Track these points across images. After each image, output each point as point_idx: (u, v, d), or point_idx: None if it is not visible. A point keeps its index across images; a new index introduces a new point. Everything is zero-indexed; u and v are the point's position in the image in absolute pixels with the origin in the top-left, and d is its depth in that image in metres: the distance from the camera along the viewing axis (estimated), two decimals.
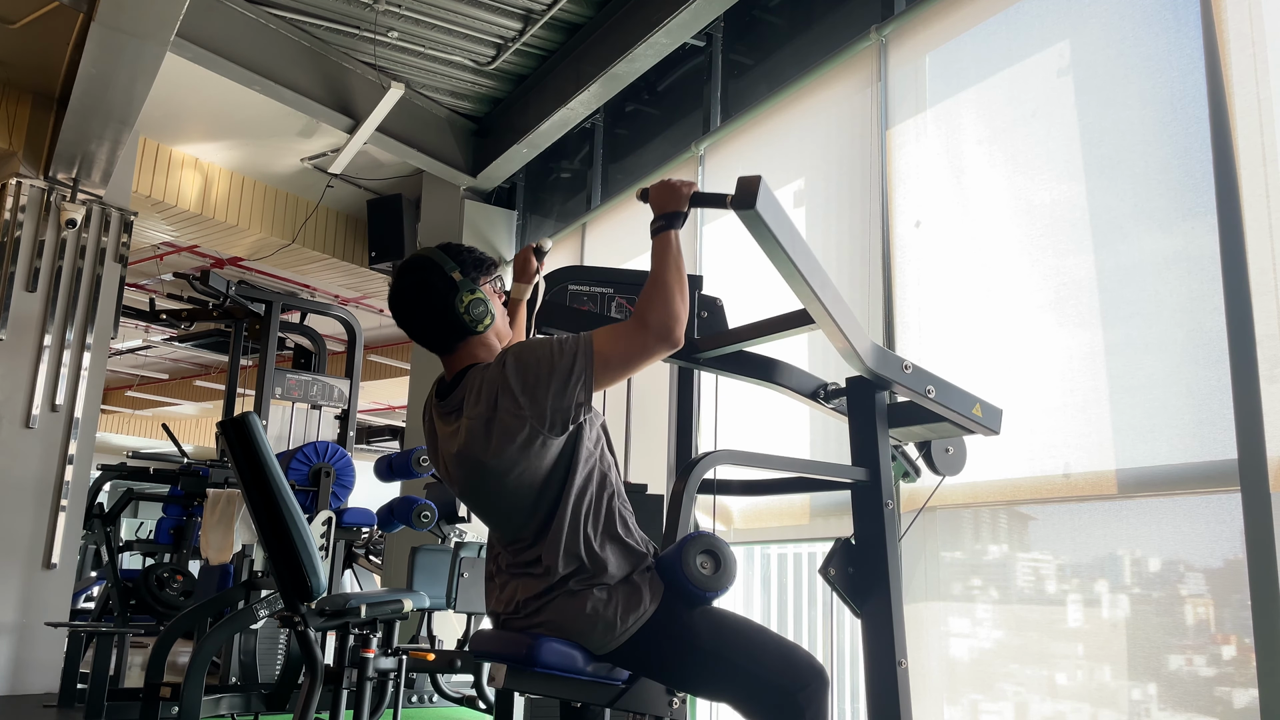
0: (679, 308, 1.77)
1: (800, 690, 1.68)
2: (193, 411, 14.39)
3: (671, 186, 1.88)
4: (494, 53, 5.56)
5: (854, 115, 3.75)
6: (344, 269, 7.90)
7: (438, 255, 1.89)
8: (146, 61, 4.19)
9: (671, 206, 1.87)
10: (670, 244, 1.83)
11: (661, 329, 1.75)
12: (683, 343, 1.77)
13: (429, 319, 1.88)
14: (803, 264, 1.86)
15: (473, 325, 1.86)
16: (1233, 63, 2.53)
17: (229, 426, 2.83)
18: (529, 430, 1.75)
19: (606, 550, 1.78)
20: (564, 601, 1.75)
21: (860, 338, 2.01)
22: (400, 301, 1.91)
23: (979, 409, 2.16)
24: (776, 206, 1.80)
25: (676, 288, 1.79)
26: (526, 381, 1.75)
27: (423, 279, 1.87)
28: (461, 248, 1.93)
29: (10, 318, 5.26)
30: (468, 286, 1.86)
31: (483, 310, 1.87)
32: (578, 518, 1.78)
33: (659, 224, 1.87)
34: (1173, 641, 2.50)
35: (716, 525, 3.88)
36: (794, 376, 2.31)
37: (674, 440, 3.08)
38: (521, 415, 1.74)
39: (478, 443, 1.78)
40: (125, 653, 5.05)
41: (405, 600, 3.02)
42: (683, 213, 1.88)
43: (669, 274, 1.80)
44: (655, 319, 1.76)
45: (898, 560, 2.03)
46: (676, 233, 1.86)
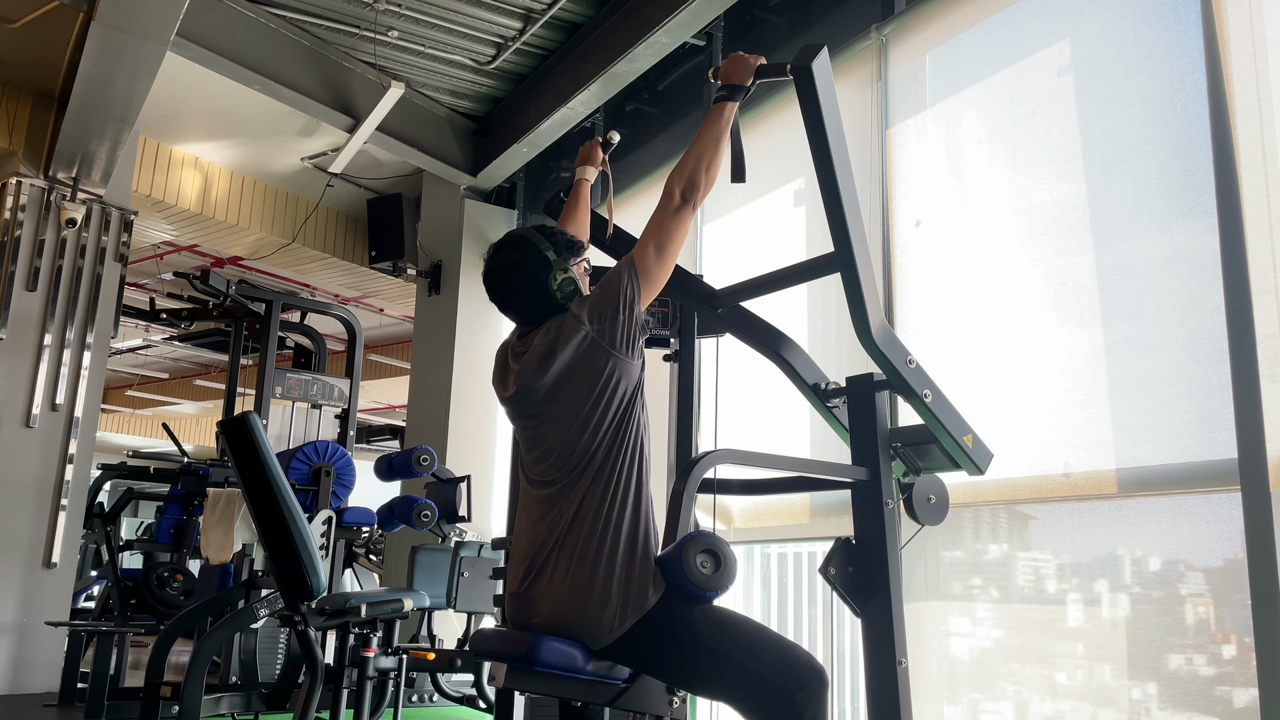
0: (701, 178, 1.90)
1: (799, 689, 1.68)
2: (193, 411, 14.39)
3: (741, 59, 2.01)
4: (494, 52, 5.56)
5: (854, 114, 3.75)
6: (344, 268, 7.89)
7: (534, 235, 2.00)
8: (147, 61, 4.19)
9: (736, 79, 2.01)
10: (721, 114, 1.97)
11: (683, 194, 1.89)
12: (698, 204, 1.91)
13: (524, 294, 1.98)
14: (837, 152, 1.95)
15: (564, 302, 1.95)
16: (1233, 62, 2.52)
17: (229, 426, 2.83)
18: (590, 342, 1.85)
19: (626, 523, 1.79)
20: (568, 591, 1.75)
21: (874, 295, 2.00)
22: (496, 276, 2.01)
23: (970, 440, 2.12)
24: (830, 79, 1.94)
25: (706, 160, 1.92)
26: (585, 302, 1.90)
27: (520, 256, 1.98)
28: (555, 229, 2.05)
29: (10, 317, 5.26)
30: (561, 266, 1.96)
31: (573, 289, 1.96)
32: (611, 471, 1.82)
33: (721, 94, 2.00)
34: (1173, 641, 2.50)
35: (716, 525, 3.88)
36: (800, 358, 2.29)
37: (674, 440, 3.08)
38: (582, 329, 1.86)
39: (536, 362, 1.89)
40: (125, 652, 5.05)
41: (405, 599, 3.02)
42: (745, 86, 2.01)
43: (706, 144, 1.93)
44: (679, 186, 1.90)
45: (898, 560, 2.03)
46: (733, 105, 1.99)
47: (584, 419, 1.84)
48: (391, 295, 8.91)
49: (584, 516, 1.79)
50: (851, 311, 2.01)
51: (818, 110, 1.91)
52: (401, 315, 9.73)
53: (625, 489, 1.82)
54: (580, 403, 1.84)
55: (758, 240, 4.17)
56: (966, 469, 2.16)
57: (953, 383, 2.19)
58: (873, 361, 2.05)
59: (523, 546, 1.89)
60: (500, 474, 6.15)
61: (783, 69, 1.95)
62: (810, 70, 1.89)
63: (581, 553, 1.77)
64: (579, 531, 1.79)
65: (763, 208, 4.18)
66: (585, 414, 1.84)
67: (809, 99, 1.91)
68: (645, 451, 1.88)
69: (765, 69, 2.00)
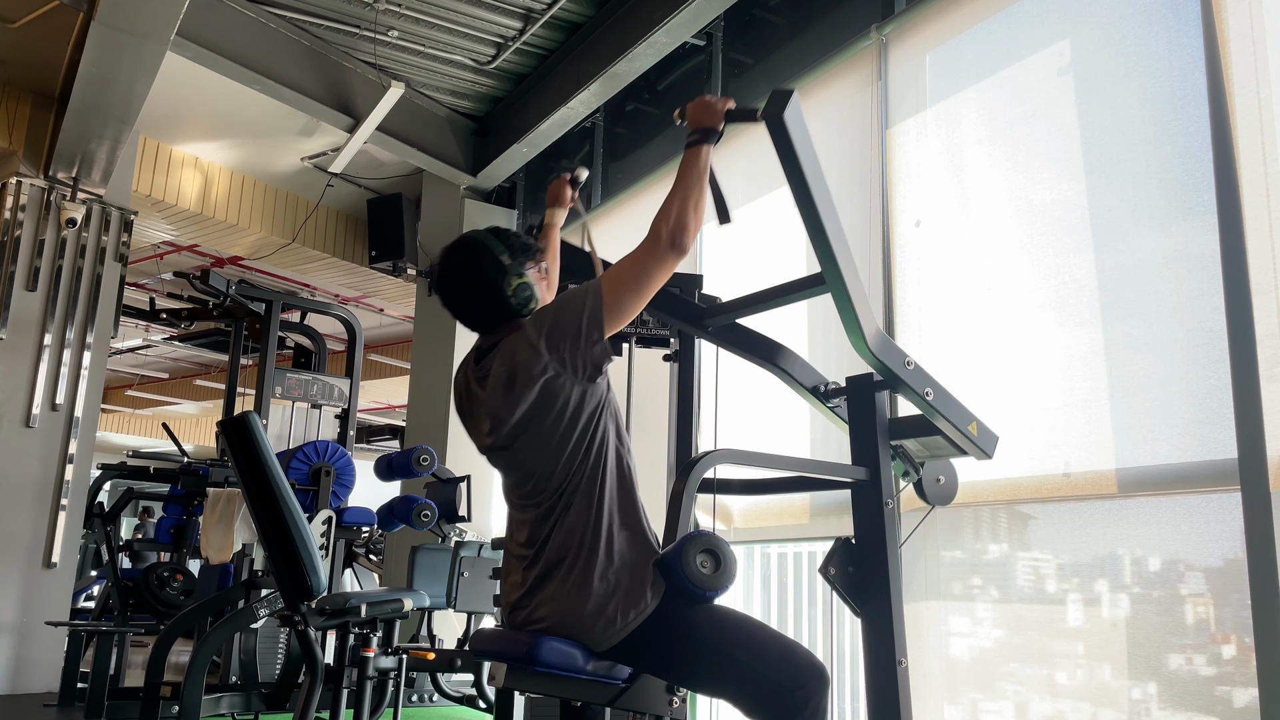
0: (689, 218, 1.82)
1: (800, 688, 1.68)
2: (193, 411, 14.39)
3: (708, 104, 1.94)
4: (494, 52, 5.56)
5: (854, 114, 3.75)
6: (344, 268, 7.89)
7: (487, 238, 1.93)
8: (147, 60, 4.19)
9: (708, 123, 1.93)
10: (699, 158, 1.89)
11: (671, 237, 1.80)
12: (688, 252, 1.82)
13: (477, 300, 1.92)
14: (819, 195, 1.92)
15: (519, 308, 1.90)
16: (1233, 62, 2.52)
17: (229, 426, 2.83)
18: (551, 374, 1.78)
19: (618, 534, 1.79)
20: (567, 595, 1.75)
21: (866, 310, 2.00)
22: (447, 282, 1.94)
23: (975, 428, 2.13)
24: (803, 125, 1.88)
25: (692, 200, 1.84)
26: (542, 328, 1.80)
27: (473, 261, 1.91)
28: (509, 232, 1.97)
29: (10, 317, 5.26)
30: (516, 270, 1.89)
31: (528, 294, 1.90)
32: (594, 490, 1.80)
33: (694, 138, 1.92)
34: (1173, 641, 2.50)
35: (716, 524, 3.88)
36: (796, 365, 2.30)
37: (674, 440, 3.09)
38: (541, 361, 1.78)
39: (499, 396, 1.82)
40: (125, 652, 5.05)
41: (405, 599, 3.02)
42: (718, 129, 1.93)
43: (689, 185, 1.85)
44: (665, 228, 1.80)
45: (898, 559, 2.03)
46: (708, 148, 1.91)
47: (555, 446, 1.80)
48: (391, 295, 8.92)
49: (574, 534, 1.78)
50: (846, 328, 2.02)
51: (794, 158, 1.87)
52: (401, 315, 9.73)
53: (611, 500, 1.81)
54: (549, 433, 1.80)
55: (757, 240, 4.17)
56: (974, 455, 2.18)
57: (953, 382, 2.19)
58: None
59: (515, 565, 1.88)
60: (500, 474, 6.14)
61: (754, 114, 1.90)
62: (783, 121, 1.84)
63: (577, 570, 1.76)
64: (570, 549, 1.78)
65: (763, 207, 4.18)
66: (556, 442, 1.80)
67: (784, 147, 1.87)
68: (623, 460, 1.85)
69: (735, 114, 1.94)
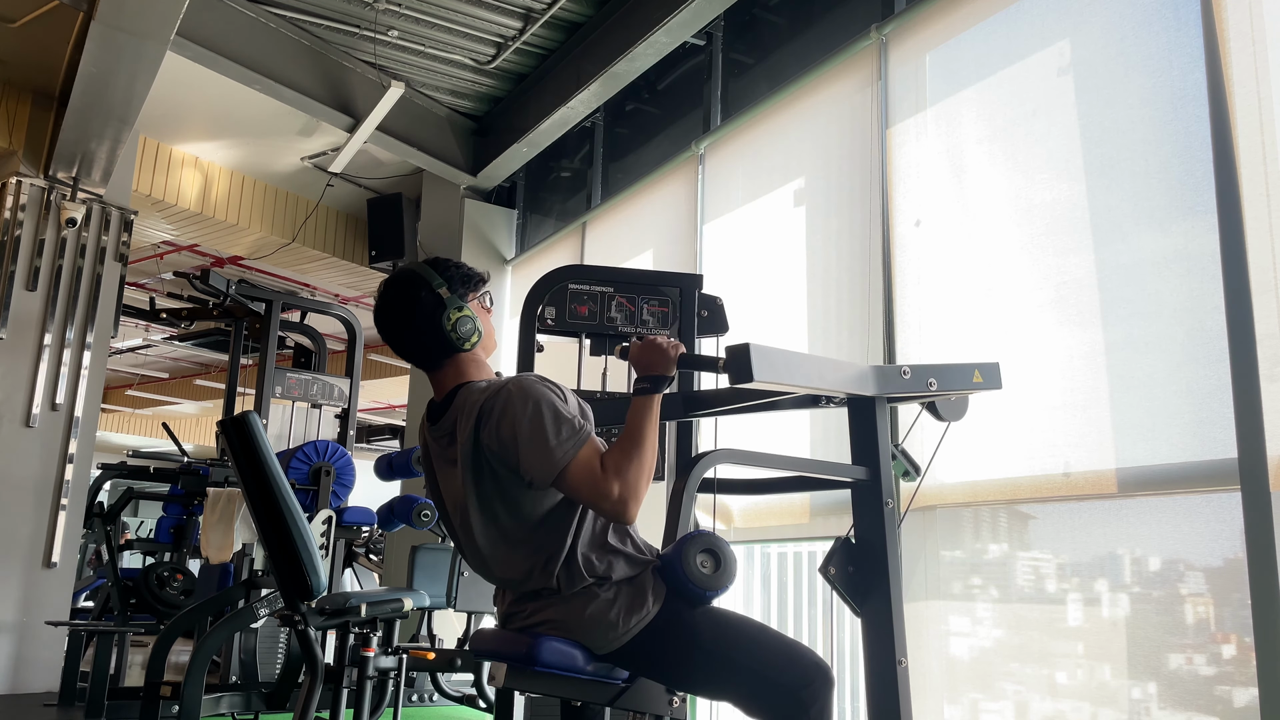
0: (640, 486, 1.70)
1: (804, 688, 1.68)
2: (193, 410, 14.39)
3: (657, 347, 1.81)
4: (494, 51, 5.56)
5: (854, 114, 3.75)
6: (344, 268, 7.90)
7: (425, 271, 1.86)
8: (146, 60, 4.19)
9: (658, 369, 1.80)
10: (651, 410, 1.76)
11: (621, 504, 1.68)
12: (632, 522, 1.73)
13: (415, 336, 1.85)
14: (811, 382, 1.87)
15: (459, 343, 1.83)
16: (1233, 61, 2.52)
17: (229, 425, 2.83)
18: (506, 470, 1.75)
19: (610, 562, 1.78)
20: (567, 602, 1.76)
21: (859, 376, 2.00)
22: (386, 317, 1.87)
23: (978, 375, 2.17)
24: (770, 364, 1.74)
25: (645, 463, 1.72)
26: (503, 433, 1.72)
27: (409, 294, 1.84)
28: (449, 263, 1.89)
29: (10, 317, 5.26)
30: (455, 304, 1.83)
31: (470, 328, 1.84)
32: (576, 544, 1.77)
33: (643, 385, 1.79)
34: (1173, 640, 2.50)
35: (716, 524, 3.88)
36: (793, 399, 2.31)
37: (674, 440, 3.09)
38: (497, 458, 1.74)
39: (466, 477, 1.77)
40: (125, 652, 5.05)
41: (405, 599, 3.02)
42: (669, 376, 1.81)
43: (643, 445, 1.72)
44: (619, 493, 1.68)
45: (898, 559, 2.03)
46: (658, 397, 1.78)
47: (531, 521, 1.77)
48: None
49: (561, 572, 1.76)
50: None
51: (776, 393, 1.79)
52: None
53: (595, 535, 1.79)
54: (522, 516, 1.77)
55: (757, 239, 4.17)
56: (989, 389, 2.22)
57: None
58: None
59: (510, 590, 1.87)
60: None
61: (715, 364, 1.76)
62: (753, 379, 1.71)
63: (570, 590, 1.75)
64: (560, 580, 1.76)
65: (762, 207, 4.18)
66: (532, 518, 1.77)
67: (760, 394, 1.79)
68: None
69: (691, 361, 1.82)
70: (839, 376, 1.96)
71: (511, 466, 1.73)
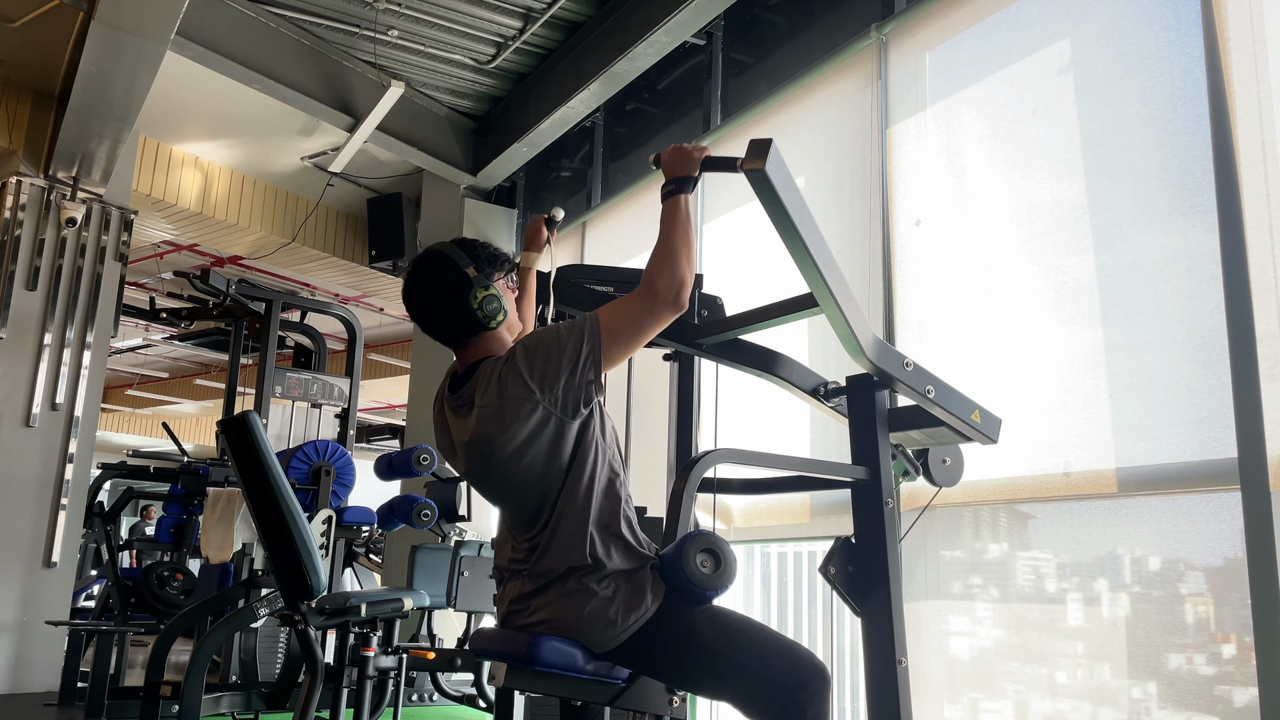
0: (685, 272, 1.78)
1: (802, 688, 1.68)
2: (193, 410, 14.39)
3: (683, 151, 1.89)
4: (494, 51, 5.56)
5: (854, 114, 3.75)
6: (344, 268, 7.89)
7: (453, 250, 1.91)
8: (147, 60, 4.19)
9: (683, 171, 1.88)
10: (680, 208, 1.85)
11: (668, 293, 1.77)
12: (687, 305, 1.80)
13: (443, 314, 1.90)
14: (808, 235, 1.87)
15: (485, 321, 1.88)
16: (1233, 61, 2.52)
17: (229, 425, 2.83)
18: (541, 413, 1.76)
19: (611, 549, 1.78)
20: (566, 599, 1.75)
21: (861, 325, 2.00)
22: (414, 295, 1.92)
23: (978, 415, 2.14)
24: (785, 172, 1.82)
25: (683, 252, 1.80)
26: (535, 365, 1.77)
27: (437, 274, 1.89)
28: (476, 243, 1.94)
29: (10, 316, 5.26)
30: (482, 283, 1.88)
31: (496, 306, 1.88)
32: (586, 512, 1.78)
33: (669, 188, 1.87)
34: (1173, 640, 2.50)
35: (716, 524, 3.88)
36: (795, 371, 2.30)
37: (674, 439, 3.08)
38: (533, 399, 1.76)
39: (489, 430, 1.79)
40: (125, 651, 5.05)
41: (405, 599, 3.03)
42: (694, 177, 1.88)
43: (676, 238, 1.81)
44: (662, 284, 1.77)
45: (898, 559, 2.03)
46: (686, 197, 1.87)
47: (548, 476, 1.79)
48: (391, 294, 8.91)
49: (567, 554, 1.77)
50: (842, 341, 2.02)
51: (779, 206, 1.81)
52: (401, 315, 9.72)
53: (603, 511, 1.80)
54: (537, 467, 1.79)
55: (757, 239, 4.17)
56: (979, 440, 2.20)
57: (953, 382, 2.19)
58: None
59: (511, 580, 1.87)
60: None
61: (732, 163, 1.83)
62: (765, 174, 1.77)
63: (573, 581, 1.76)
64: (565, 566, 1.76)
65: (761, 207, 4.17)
66: (542, 474, 1.79)
67: (767, 196, 1.81)
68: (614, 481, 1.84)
69: (712, 162, 1.89)
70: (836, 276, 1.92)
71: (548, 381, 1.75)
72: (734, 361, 2.32)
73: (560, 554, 1.77)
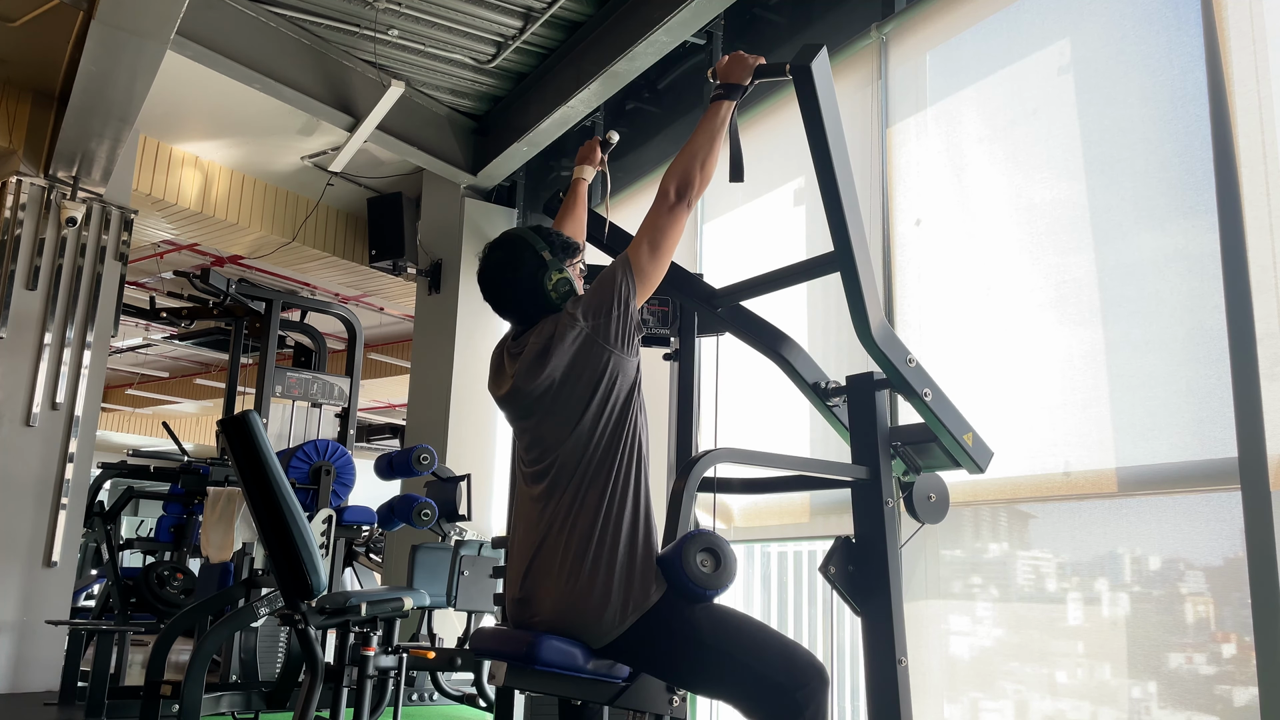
0: (696, 175, 1.91)
1: (800, 688, 1.68)
2: (193, 409, 14.39)
3: (740, 58, 2.01)
4: (494, 51, 5.56)
5: (854, 113, 3.75)
6: (344, 267, 7.89)
7: (530, 235, 1.99)
8: (147, 59, 4.19)
9: (735, 78, 2.00)
10: (718, 113, 1.97)
11: (677, 192, 1.90)
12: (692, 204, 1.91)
13: (518, 293, 1.97)
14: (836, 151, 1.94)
15: (559, 303, 1.95)
16: (1233, 61, 2.52)
17: (229, 425, 2.83)
18: (585, 336, 1.85)
19: (628, 523, 1.79)
20: (570, 586, 1.76)
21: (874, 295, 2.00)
22: (492, 275, 2.00)
23: (970, 438, 2.12)
24: (829, 78, 1.93)
25: (702, 155, 1.92)
26: (582, 301, 1.89)
27: (515, 255, 1.98)
28: (551, 230, 2.04)
29: (10, 316, 5.26)
30: (556, 266, 1.96)
31: (568, 289, 1.96)
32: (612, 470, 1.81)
33: (718, 92, 1.99)
34: (1173, 640, 2.50)
35: (717, 523, 3.88)
36: (800, 357, 2.29)
37: (674, 439, 3.09)
38: (578, 326, 1.85)
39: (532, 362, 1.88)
40: (126, 651, 5.06)
41: (406, 598, 3.03)
42: (743, 85, 1.99)
43: (701, 140, 1.94)
44: (673, 183, 1.90)
45: (898, 558, 2.03)
46: (731, 104, 1.98)
47: (582, 415, 1.83)
48: (391, 294, 8.92)
49: (583, 515, 1.79)
50: (851, 311, 2.00)
51: (817, 109, 1.91)
52: (401, 314, 9.73)
53: (624, 487, 1.81)
54: (579, 400, 1.84)
55: (757, 239, 4.17)
56: (967, 467, 2.16)
57: (953, 381, 2.19)
58: (873, 360, 2.05)
59: (521, 549, 1.89)
60: (500, 472, 6.15)
61: (782, 69, 1.95)
62: (810, 70, 1.89)
63: (580, 552, 1.76)
64: (578, 531, 1.78)
65: (762, 207, 4.18)
66: (584, 410, 1.83)
67: (808, 98, 1.91)
68: (644, 450, 1.87)
69: (764, 69, 2.00)
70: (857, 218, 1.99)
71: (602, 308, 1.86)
72: (744, 333, 2.32)
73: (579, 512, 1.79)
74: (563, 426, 1.85)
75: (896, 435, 2.21)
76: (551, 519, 1.82)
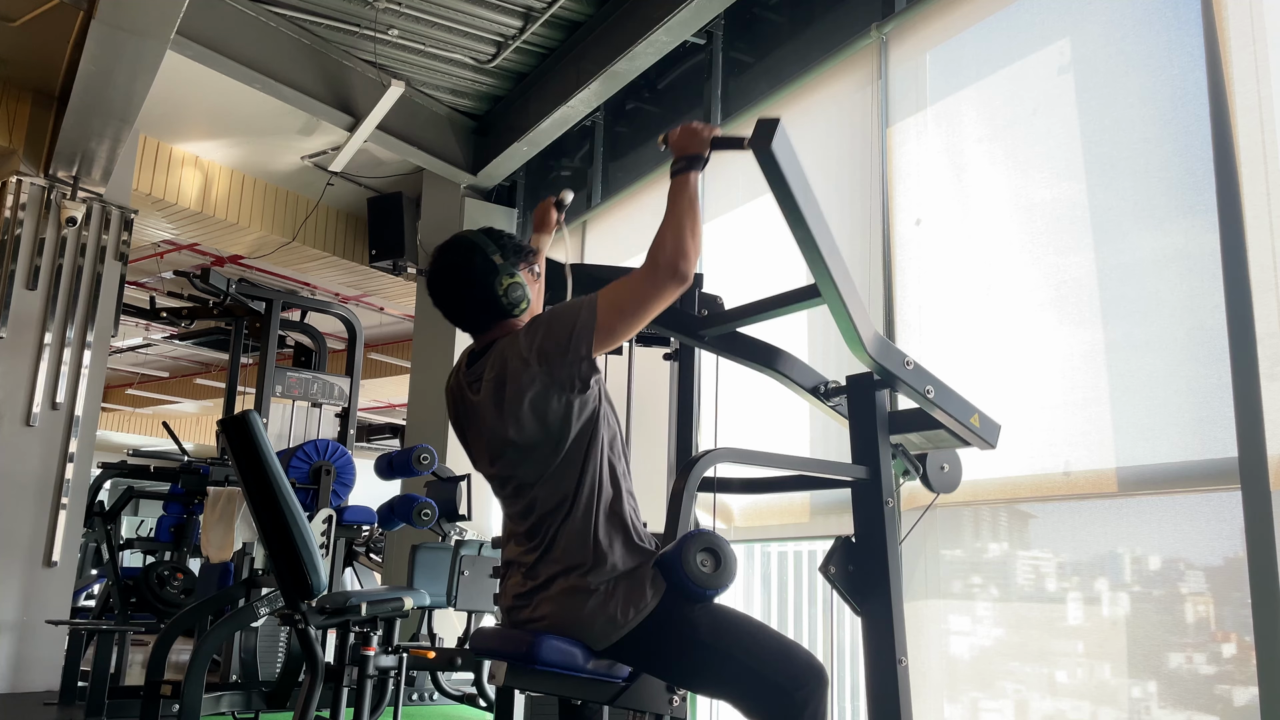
0: (689, 246, 1.79)
1: (799, 688, 1.68)
2: (193, 409, 14.40)
3: (693, 130, 1.92)
4: (494, 50, 5.56)
5: (854, 113, 3.75)
6: (344, 267, 7.89)
7: (480, 238, 1.93)
8: (147, 59, 4.19)
9: (693, 149, 1.91)
10: (688, 185, 1.87)
11: (671, 266, 1.78)
12: (691, 280, 1.80)
13: (468, 299, 1.92)
14: (812, 219, 1.90)
15: (510, 309, 1.91)
16: (1233, 60, 2.52)
17: (229, 424, 2.83)
18: (539, 385, 1.78)
19: (613, 542, 1.78)
20: (567, 596, 1.76)
21: (863, 317, 2.00)
22: (440, 281, 1.94)
23: (977, 419, 2.13)
24: (792, 153, 1.84)
25: (689, 228, 1.81)
26: (535, 339, 1.80)
27: (465, 260, 1.91)
28: (502, 233, 1.97)
29: (11, 316, 5.26)
30: (507, 270, 1.90)
31: (520, 294, 1.91)
32: (591, 501, 1.79)
33: (679, 165, 1.90)
34: (1173, 639, 2.50)
35: (717, 523, 3.88)
36: (795, 367, 2.30)
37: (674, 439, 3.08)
38: (530, 370, 1.78)
39: (490, 410, 1.82)
40: (126, 651, 5.05)
41: (406, 598, 3.03)
42: (703, 156, 1.91)
43: (683, 214, 1.83)
44: (666, 257, 1.78)
45: (898, 558, 2.03)
46: (696, 175, 1.89)
47: (548, 454, 1.80)
48: (392, 294, 8.92)
49: (570, 543, 1.78)
50: (845, 337, 2.02)
51: (784, 186, 1.83)
52: (402, 314, 9.73)
53: (606, 503, 1.80)
54: (541, 443, 1.80)
55: (757, 239, 4.17)
56: (977, 445, 2.19)
57: (953, 381, 2.19)
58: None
59: (514, 574, 1.88)
60: None
61: (740, 142, 1.86)
62: (771, 152, 1.80)
63: (575, 576, 1.76)
64: (568, 557, 1.77)
65: (762, 206, 4.18)
66: (549, 451, 1.80)
67: (773, 175, 1.83)
68: (616, 470, 1.85)
69: (721, 141, 1.92)
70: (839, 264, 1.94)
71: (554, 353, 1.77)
72: (735, 355, 2.31)
73: (566, 539, 1.78)
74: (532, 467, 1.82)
75: (904, 423, 2.21)
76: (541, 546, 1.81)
